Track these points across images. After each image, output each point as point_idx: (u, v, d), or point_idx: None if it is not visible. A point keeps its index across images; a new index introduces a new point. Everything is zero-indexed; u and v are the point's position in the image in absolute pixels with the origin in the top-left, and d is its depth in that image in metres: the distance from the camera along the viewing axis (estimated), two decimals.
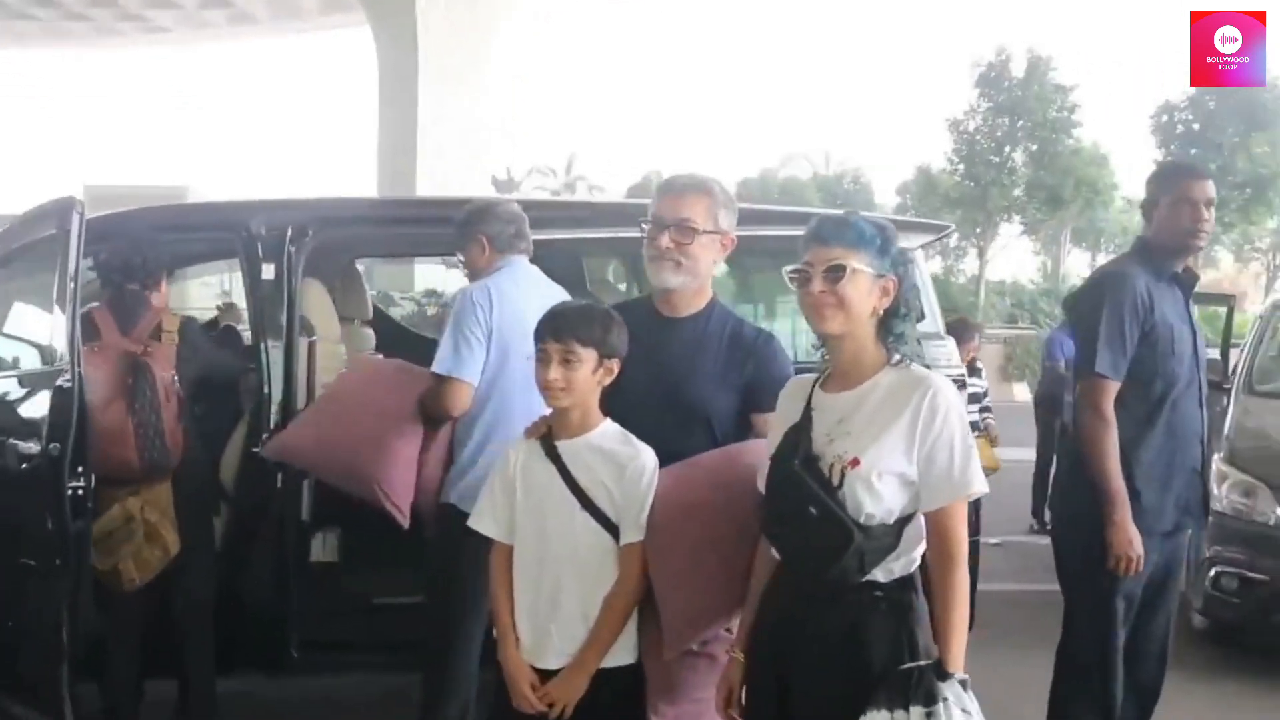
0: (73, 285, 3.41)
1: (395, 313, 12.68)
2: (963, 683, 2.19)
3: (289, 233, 4.16)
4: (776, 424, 2.45)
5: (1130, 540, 3.38)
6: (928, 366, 2.47)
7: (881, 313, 2.31)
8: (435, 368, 3.48)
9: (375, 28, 34.67)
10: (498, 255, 3.70)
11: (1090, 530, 3.43)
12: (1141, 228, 3.72)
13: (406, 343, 5.81)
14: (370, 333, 5.63)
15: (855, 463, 2.22)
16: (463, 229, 3.74)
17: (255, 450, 4.04)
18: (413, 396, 3.53)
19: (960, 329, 6.78)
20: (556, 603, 2.59)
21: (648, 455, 2.60)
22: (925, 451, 2.23)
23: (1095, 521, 3.42)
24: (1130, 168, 30.84)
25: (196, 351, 3.99)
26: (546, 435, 2.66)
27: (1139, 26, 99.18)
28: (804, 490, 2.23)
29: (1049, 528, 4.26)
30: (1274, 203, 29.03)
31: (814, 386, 2.39)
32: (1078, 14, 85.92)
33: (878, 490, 2.22)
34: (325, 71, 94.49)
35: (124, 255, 3.94)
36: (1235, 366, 6.29)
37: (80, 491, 3.42)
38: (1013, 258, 36.61)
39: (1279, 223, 31.85)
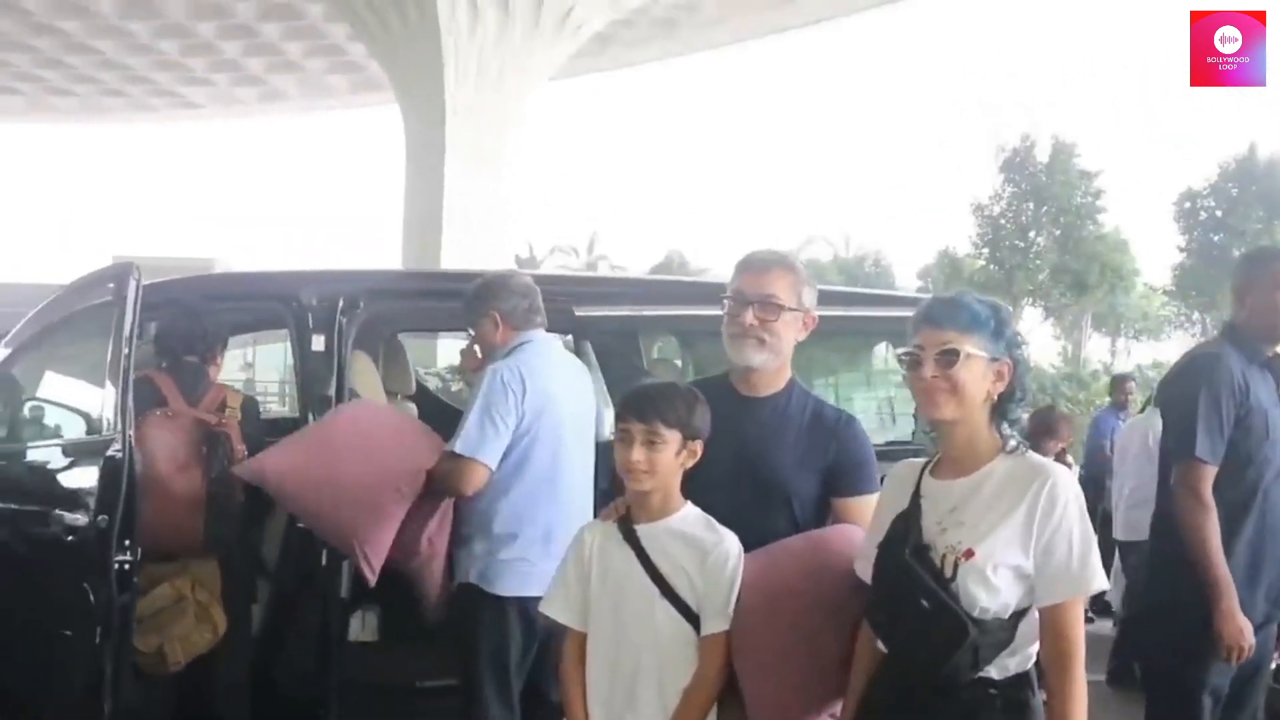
0: (127, 352, 3.34)
1: None
2: None
3: (340, 304, 4.12)
4: (883, 509, 2.37)
5: (1241, 629, 3.26)
6: None
7: (995, 397, 2.23)
8: (458, 447, 3.40)
9: (404, 106, 35.14)
10: (513, 332, 3.62)
11: (1186, 620, 3.32)
12: (1232, 312, 3.64)
13: (448, 418, 5.70)
14: (413, 406, 5.54)
15: (969, 554, 2.13)
16: (474, 304, 3.65)
17: (300, 526, 3.95)
18: (417, 456, 3.44)
19: (1048, 419, 6.34)
20: (634, 694, 2.48)
21: (732, 541, 2.51)
22: (1043, 544, 2.13)
23: (1191, 610, 3.30)
24: (1151, 254, 30.89)
25: (255, 431, 3.93)
26: (625, 518, 2.56)
27: (1162, 114, 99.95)
28: (915, 581, 2.14)
29: (1122, 617, 4.13)
30: None
31: (923, 472, 2.32)
32: (1101, 101, 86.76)
33: (993, 583, 2.13)
34: (353, 149, 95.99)
35: (184, 326, 3.91)
36: None
37: (127, 566, 3.32)
38: (1035, 342, 36.58)
39: None
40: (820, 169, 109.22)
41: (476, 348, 3.75)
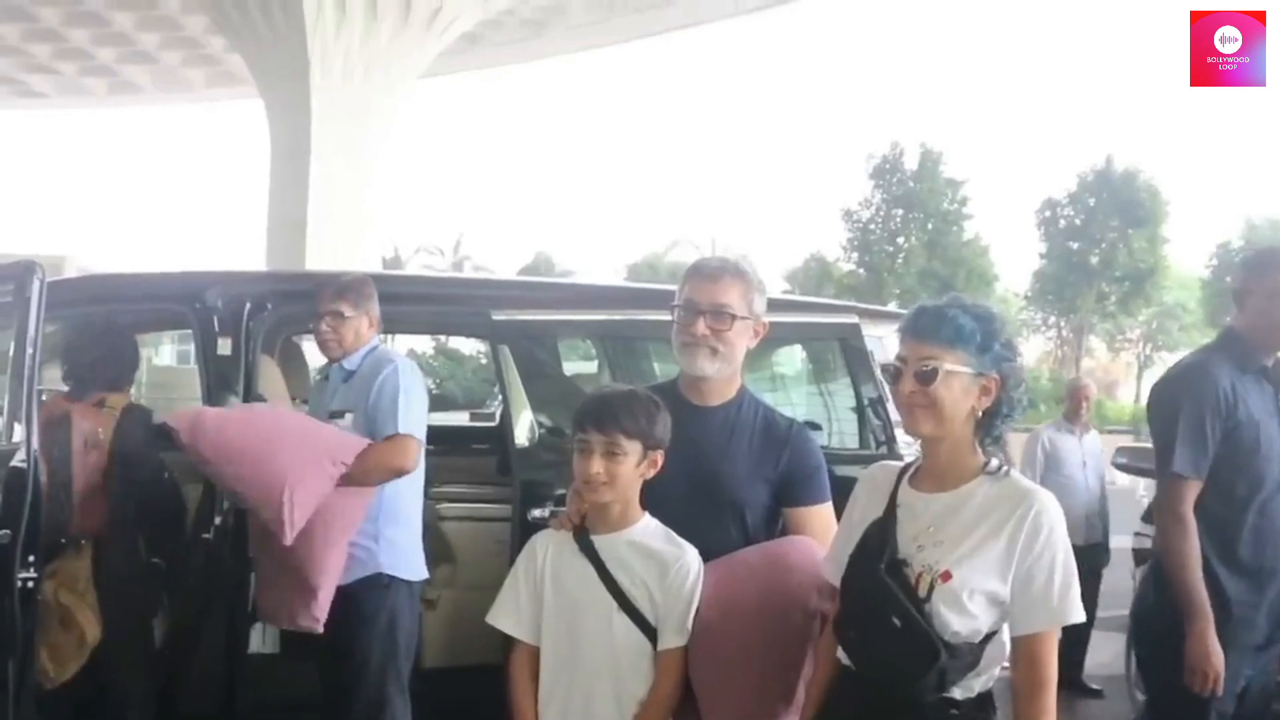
0: (31, 353, 3.13)
1: None
2: None
3: (247, 306, 3.96)
4: (855, 511, 2.31)
5: (1209, 654, 3.13)
6: None
7: (981, 413, 2.15)
8: (399, 427, 3.51)
9: (268, 103, 34.16)
10: (373, 334, 3.78)
11: (1181, 643, 3.18)
12: (1231, 317, 3.47)
13: None
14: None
15: (947, 576, 2.07)
16: (360, 301, 3.74)
17: (205, 536, 3.79)
18: (349, 440, 3.49)
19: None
20: (589, 709, 2.43)
21: (692, 555, 2.46)
22: (1023, 573, 2.08)
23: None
24: (1011, 260, 32.12)
25: (132, 436, 3.67)
26: (581, 529, 2.49)
27: (1027, 124, 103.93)
28: (889, 598, 2.08)
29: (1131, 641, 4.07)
30: (1151, 296, 30.53)
31: (900, 479, 2.25)
32: (968, 110, 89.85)
33: (967, 609, 2.07)
34: (211, 143, 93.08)
35: (96, 352, 3.72)
36: None
37: (31, 584, 3.11)
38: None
39: (1150, 315, 33.43)
40: (687, 172, 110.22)
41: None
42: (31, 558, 3.12)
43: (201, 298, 3.97)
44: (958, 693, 2.11)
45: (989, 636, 2.11)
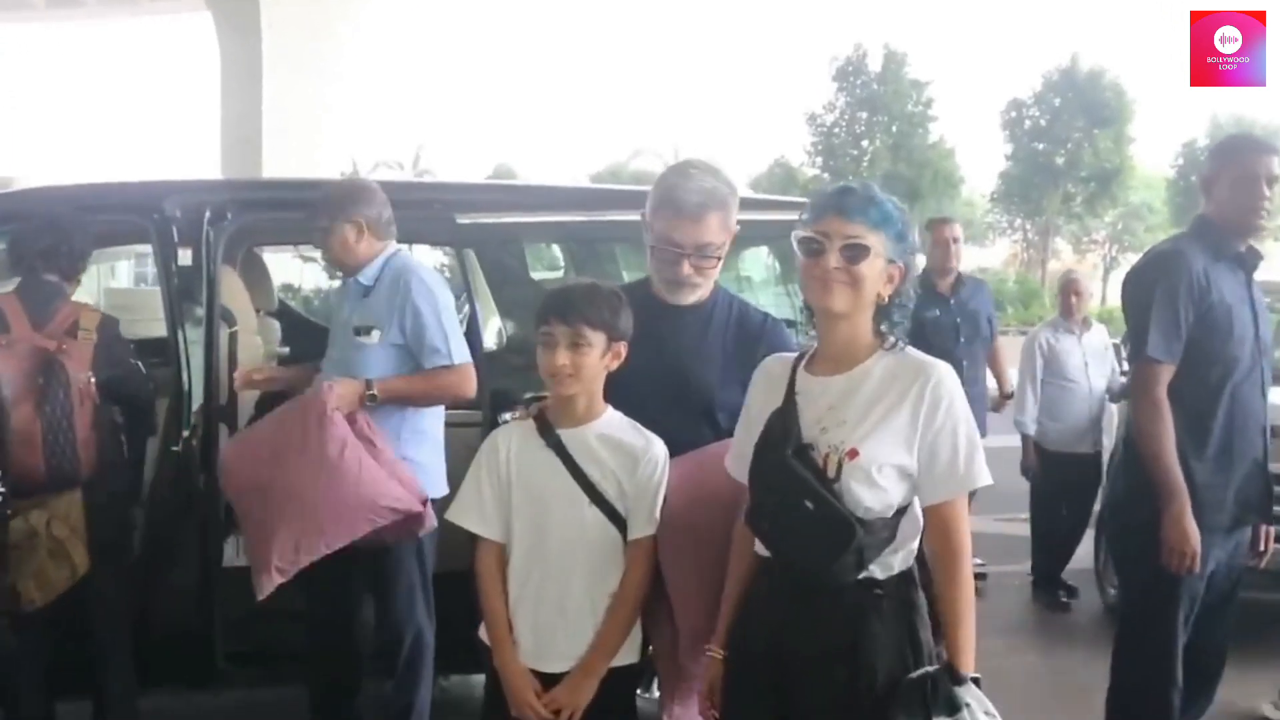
0: None
1: None
2: (976, 682, 2.10)
3: (207, 215, 3.85)
4: (754, 406, 2.29)
5: (1186, 535, 3.19)
6: None
7: (885, 299, 2.17)
8: (454, 359, 3.49)
9: (216, 12, 33.38)
10: (377, 242, 3.58)
11: (1153, 528, 3.24)
12: (1202, 205, 3.48)
13: (310, 334, 5.50)
14: (276, 324, 5.31)
15: (853, 454, 2.09)
16: (335, 210, 3.55)
17: (174, 449, 3.75)
18: (399, 491, 3.33)
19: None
20: (562, 601, 2.44)
21: (659, 445, 2.47)
22: (928, 443, 2.11)
23: (1158, 518, 3.23)
24: (977, 162, 32.14)
25: (114, 353, 3.62)
26: (544, 423, 2.48)
27: (992, 23, 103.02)
28: (799, 482, 2.09)
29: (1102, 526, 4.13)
30: (1117, 196, 30.66)
31: (796, 367, 2.24)
32: (932, 10, 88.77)
33: (877, 483, 2.09)
34: (159, 56, 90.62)
35: (46, 240, 3.56)
36: None
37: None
38: None
39: (1116, 216, 33.60)
40: (649, 79, 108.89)
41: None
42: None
43: (159, 207, 3.84)
44: (878, 571, 2.13)
45: (901, 511, 2.13)
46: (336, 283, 4.40)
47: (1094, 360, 6.30)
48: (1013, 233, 34.55)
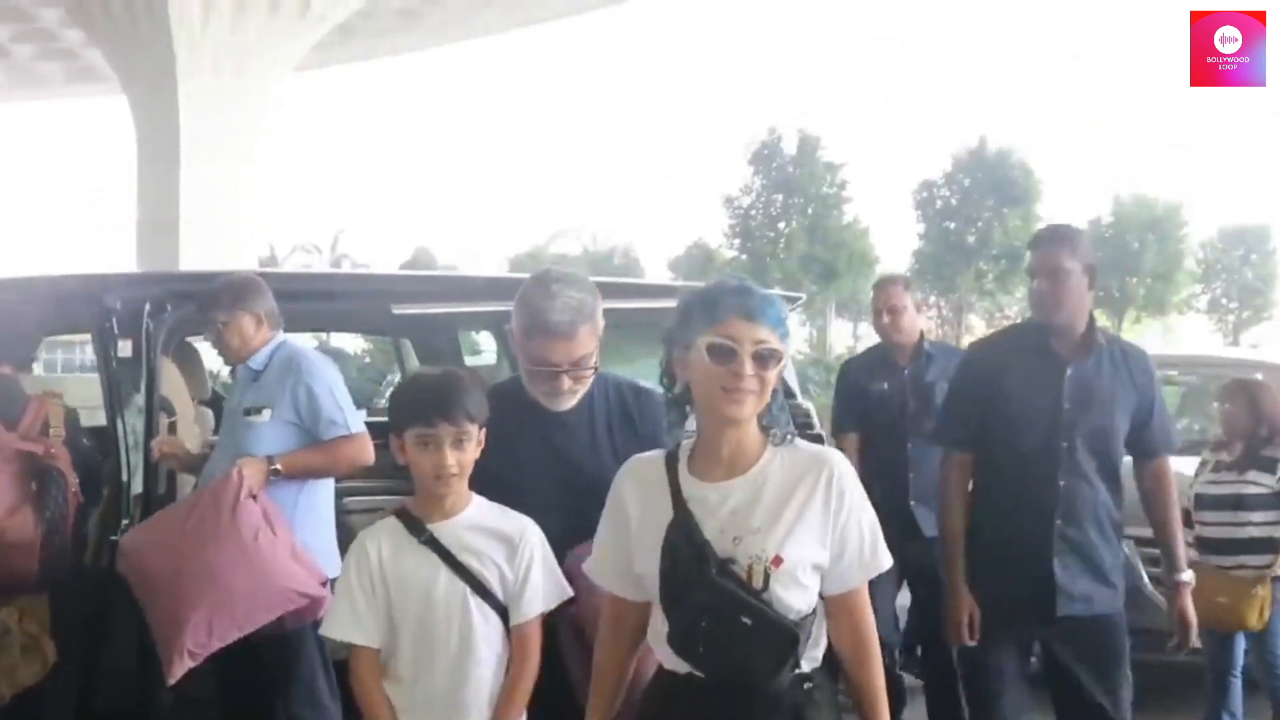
0: None
1: None
2: None
3: (147, 308, 3.93)
4: (628, 512, 2.17)
5: (960, 604, 3.33)
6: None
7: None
8: (351, 428, 3.55)
9: (132, 100, 33.26)
10: (270, 331, 3.69)
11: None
12: None
13: None
14: (209, 413, 5.34)
15: (778, 561, 2.02)
16: (234, 302, 3.64)
17: (113, 539, 3.77)
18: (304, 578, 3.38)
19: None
20: (457, 703, 2.40)
21: (532, 527, 2.46)
22: (838, 535, 2.08)
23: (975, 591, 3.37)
24: (890, 242, 33.00)
25: (79, 449, 3.65)
26: (410, 520, 2.42)
27: (903, 107, 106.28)
28: (731, 600, 2.00)
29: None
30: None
31: (672, 470, 2.13)
32: (844, 95, 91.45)
33: (802, 584, 2.05)
34: (75, 141, 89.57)
35: None
36: None
37: None
38: None
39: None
40: (566, 163, 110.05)
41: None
42: None
43: (100, 299, 3.91)
44: (805, 665, 2.09)
45: (816, 604, 2.11)
46: None
47: None
48: (928, 310, 35.41)
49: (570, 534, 2.48)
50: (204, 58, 31.57)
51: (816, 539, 2.06)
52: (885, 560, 2.14)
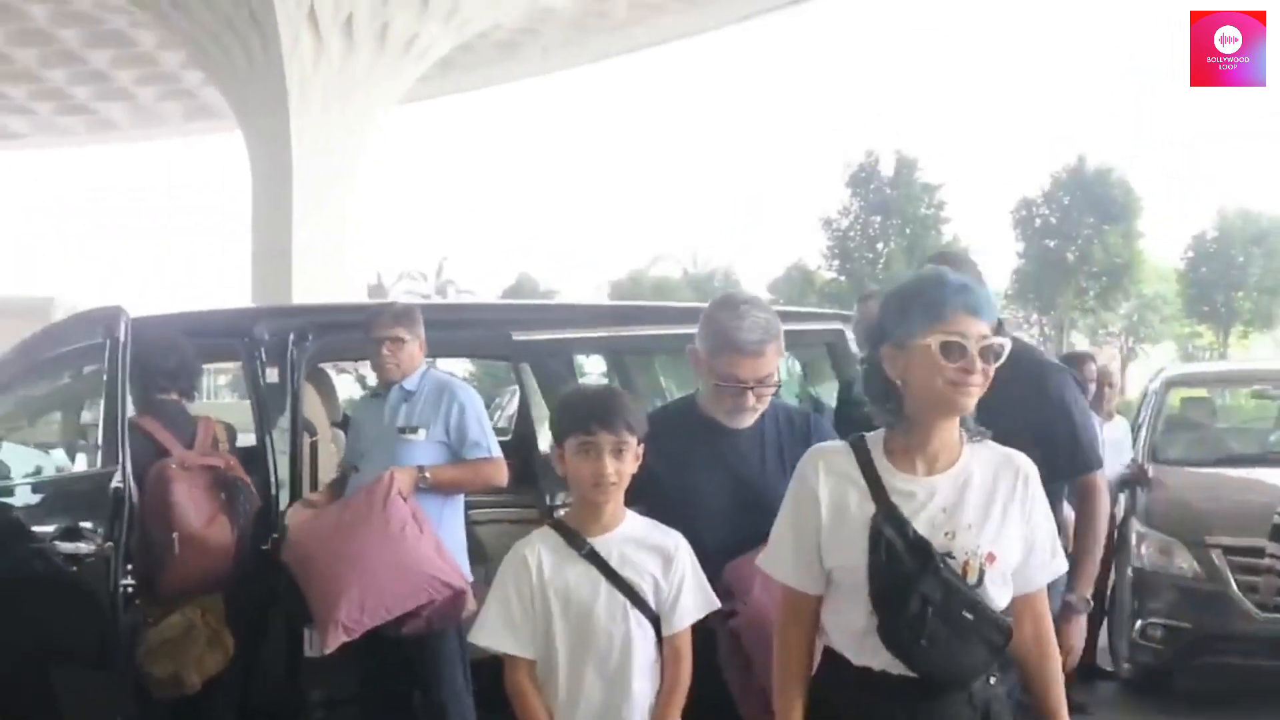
0: (122, 386, 3.54)
1: None
2: None
3: (291, 338, 4.33)
4: (820, 500, 2.15)
5: None
6: None
7: None
8: (492, 451, 3.99)
9: (247, 135, 34.46)
10: (421, 355, 4.11)
11: None
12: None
13: None
14: (342, 434, 5.75)
15: (991, 558, 2.05)
16: (409, 328, 4.03)
17: (263, 548, 4.12)
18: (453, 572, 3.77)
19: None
20: (617, 715, 2.42)
21: (679, 537, 2.51)
22: (1029, 536, 2.12)
23: None
24: (991, 261, 32.65)
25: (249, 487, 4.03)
26: (568, 532, 2.47)
27: (1000, 125, 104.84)
28: (956, 595, 2.01)
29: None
30: (1129, 290, 31.14)
31: (866, 463, 2.13)
32: (940, 116, 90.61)
33: (1009, 582, 2.10)
34: (193, 177, 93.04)
35: (170, 361, 3.98)
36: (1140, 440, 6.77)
37: (130, 589, 3.52)
38: None
39: (1130, 308, 34.01)
40: (666, 187, 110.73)
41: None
42: (130, 566, 3.52)
43: (250, 331, 4.32)
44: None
45: None
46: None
47: (1112, 451, 6.20)
48: (1029, 328, 34.96)
49: (735, 547, 2.58)
50: (314, 94, 32.60)
51: (1020, 540, 2.10)
52: (1063, 563, 2.20)
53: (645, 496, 2.53)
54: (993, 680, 2.11)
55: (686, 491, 2.66)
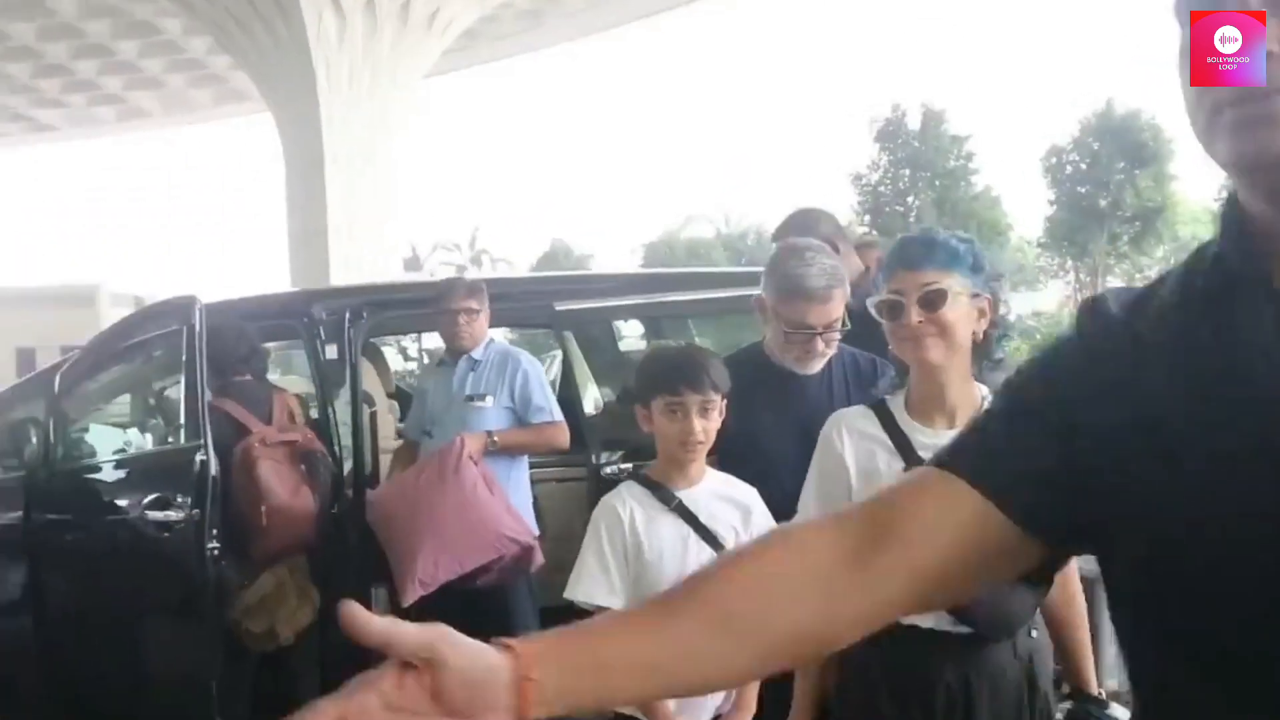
0: (200, 370, 3.86)
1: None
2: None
3: (347, 316, 4.62)
4: (849, 462, 2.18)
5: None
6: None
7: (981, 336, 2.11)
8: (554, 415, 4.22)
9: (278, 118, 34.71)
10: (487, 328, 4.38)
11: None
12: None
13: None
14: (396, 404, 6.06)
15: None
16: (480, 300, 4.29)
17: (332, 510, 4.37)
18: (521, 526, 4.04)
19: None
20: None
21: (755, 493, 2.57)
22: None
23: None
24: (1022, 208, 32.58)
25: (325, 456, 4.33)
26: (657, 487, 2.51)
27: (1026, 74, 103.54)
28: None
29: None
30: (1163, 234, 30.98)
31: (887, 419, 2.16)
32: (965, 67, 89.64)
33: None
34: (226, 160, 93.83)
35: (240, 346, 4.27)
36: None
37: (215, 552, 3.84)
38: None
39: (1167, 251, 33.81)
40: (695, 148, 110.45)
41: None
42: (215, 531, 3.84)
43: (308, 312, 4.62)
44: None
45: None
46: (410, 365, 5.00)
47: None
48: (1064, 275, 34.83)
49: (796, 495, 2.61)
50: (341, 73, 32.82)
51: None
52: None
53: (715, 445, 2.55)
54: (1034, 633, 2.14)
55: (756, 437, 2.70)
